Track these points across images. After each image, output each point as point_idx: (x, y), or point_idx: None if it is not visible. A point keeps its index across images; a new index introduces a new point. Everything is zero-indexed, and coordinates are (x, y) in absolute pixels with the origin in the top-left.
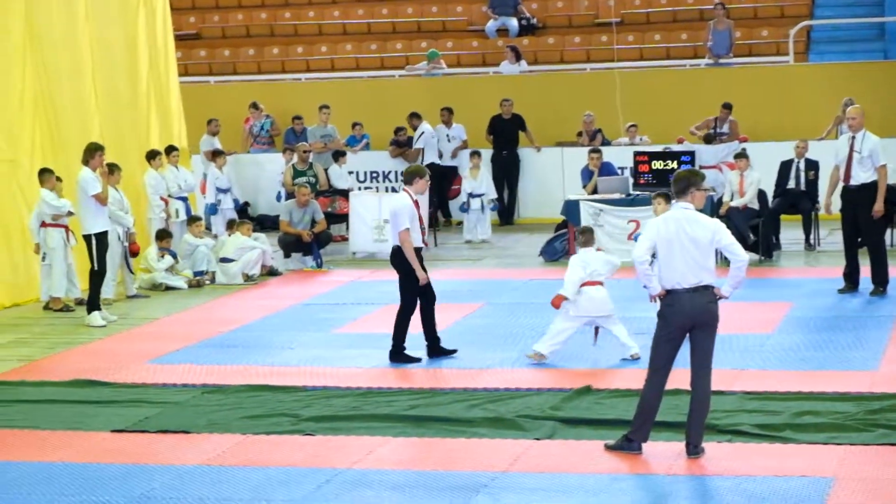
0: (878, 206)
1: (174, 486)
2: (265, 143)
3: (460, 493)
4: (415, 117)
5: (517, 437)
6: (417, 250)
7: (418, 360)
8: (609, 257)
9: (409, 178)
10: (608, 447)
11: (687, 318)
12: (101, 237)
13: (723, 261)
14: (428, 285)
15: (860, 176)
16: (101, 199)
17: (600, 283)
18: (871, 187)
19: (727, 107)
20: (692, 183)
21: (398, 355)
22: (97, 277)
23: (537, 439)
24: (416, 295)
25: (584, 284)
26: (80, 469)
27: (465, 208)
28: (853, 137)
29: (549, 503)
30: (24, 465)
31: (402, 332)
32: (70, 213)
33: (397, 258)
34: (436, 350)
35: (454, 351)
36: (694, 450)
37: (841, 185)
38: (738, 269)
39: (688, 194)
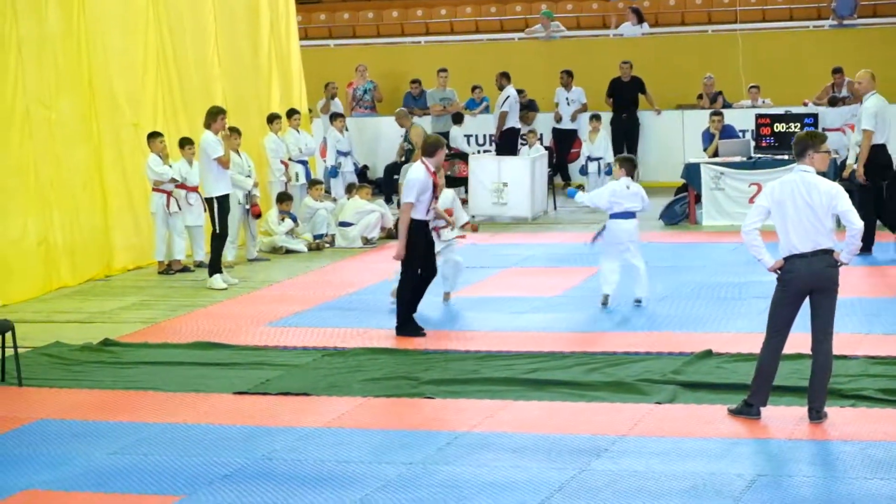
0: (858, 171)
1: (295, 448)
2: (368, 106)
3: (580, 456)
4: (504, 77)
5: (637, 401)
6: (425, 223)
7: (423, 333)
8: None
9: (431, 149)
10: (730, 411)
11: (805, 283)
12: (223, 200)
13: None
14: (431, 259)
15: (856, 139)
16: (224, 163)
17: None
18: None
19: (838, 71)
20: (809, 145)
21: (405, 328)
22: (219, 240)
23: (658, 403)
24: (417, 267)
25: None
26: (203, 430)
27: (584, 171)
28: (861, 102)
29: (669, 467)
30: (147, 426)
31: (407, 303)
32: (173, 181)
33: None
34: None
35: (421, 329)
36: (816, 415)
37: None
38: (853, 236)
39: (806, 157)
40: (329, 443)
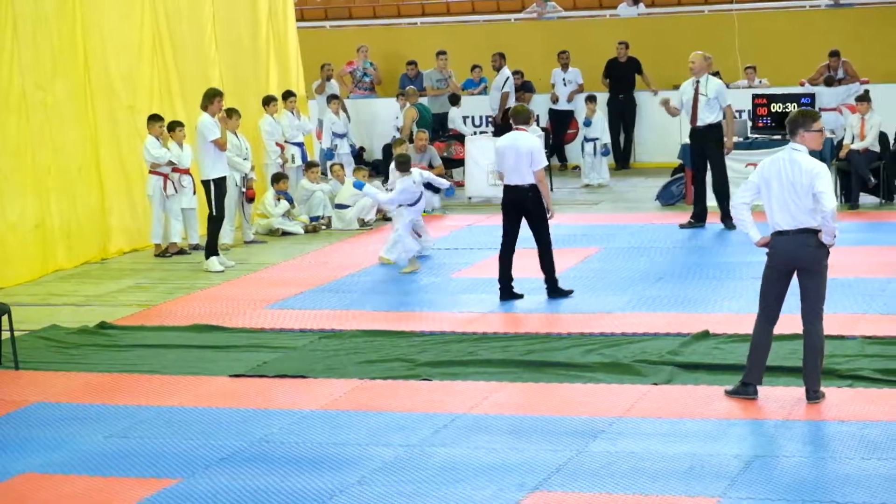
0: (730, 143)
1: (292, 431)
2: (367, 88)
3: (577, 438)
4: (501, 58)
5: (634, 382)
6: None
7: (571, 291)
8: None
9: (527, 117)
10: (728, 392)
11: (785, 261)
12: (220, 182)
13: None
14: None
15: (706, 117)
16: (220, 145)
17: None
18: (716, 127)
19: (835, 54)
20: (800, 124)
21: (558, 290)
22: (215, 223)
23: (655, 384)
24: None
25: None
26: (200, 413)
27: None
28: (697, 81)
29: (666, 448)
30: (144, 410)
31: (553, 266)
32: (170, 164)
33: (532, 195)
34: (555, 290)
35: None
36: (813, 395)
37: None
38: (825, 218)
39: (797, 135)
40: (326, 425)
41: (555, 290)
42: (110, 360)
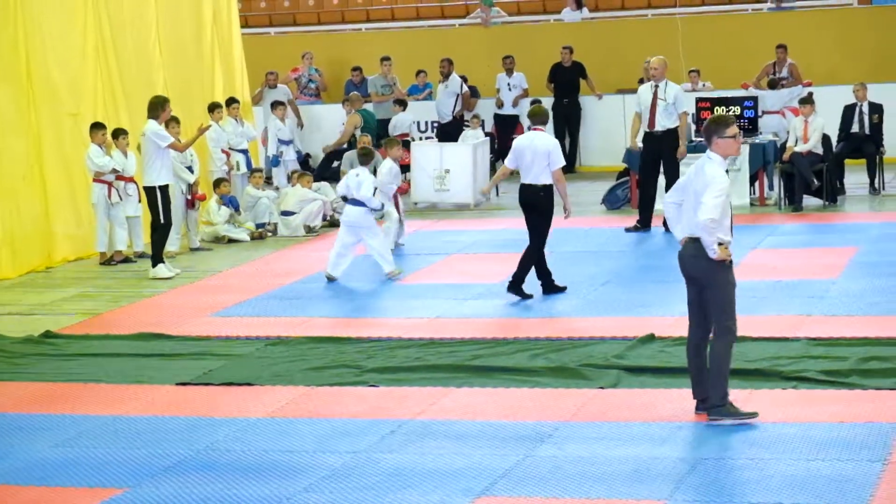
0: (683, 149)
1: (238, 438)
2: (312, 94)
3: (524, 442)
4: (450, 63)
5: (581, 387)
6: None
7: (531, 296)
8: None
9: (545, 118)
10: (711, 417)
11: (682, 268)
12: (165, 190)
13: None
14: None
15: (664, 122)
16: (179, 147)
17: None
18: (673, 132)
19: (782, 47)
20: (713, 131)
21: (520, 291)
22: (161, 231)
23: (601, 388)
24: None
25: None
26: (145, 422)
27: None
28: (656, 86)
29: (613, 452)
30: (89, 419)
31: (529, 267)
32: (114, 172)
33: (544, 195)
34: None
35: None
36: (703, 405)
37: (644, 130)
38: (697, 228)
39: (712, 143)
40: (273, 432)
41: (515, 288)
42: (55, 369)
